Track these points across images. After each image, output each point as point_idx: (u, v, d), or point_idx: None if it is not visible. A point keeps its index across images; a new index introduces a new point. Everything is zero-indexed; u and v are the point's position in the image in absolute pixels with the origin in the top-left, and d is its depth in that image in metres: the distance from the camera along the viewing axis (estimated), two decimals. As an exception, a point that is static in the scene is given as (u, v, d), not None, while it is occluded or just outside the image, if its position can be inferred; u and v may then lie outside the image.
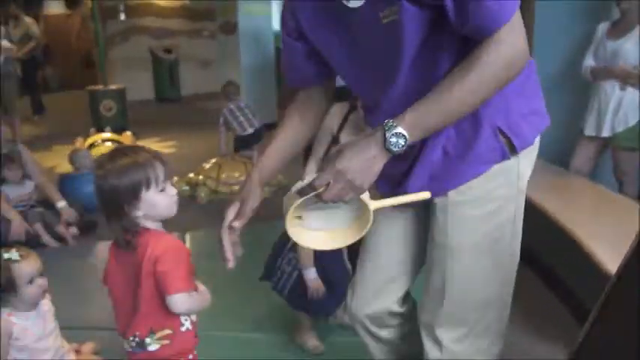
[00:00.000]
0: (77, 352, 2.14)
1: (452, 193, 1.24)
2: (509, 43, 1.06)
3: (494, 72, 1.07)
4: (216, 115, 7.54)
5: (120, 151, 1.48)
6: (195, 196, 4.43)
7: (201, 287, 1.56)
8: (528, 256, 2.99)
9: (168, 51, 10.12)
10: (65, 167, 4.86)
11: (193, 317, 1.55)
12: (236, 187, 4.43)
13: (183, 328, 1.51)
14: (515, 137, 1.20)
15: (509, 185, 1.24)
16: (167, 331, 1.48)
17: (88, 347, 2.21)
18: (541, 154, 3.87)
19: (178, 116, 8.64)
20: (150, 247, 1.43)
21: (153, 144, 6.42)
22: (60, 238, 3.56)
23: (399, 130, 1.06)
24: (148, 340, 1.48)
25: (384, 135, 1.07)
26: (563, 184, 3.21)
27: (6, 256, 1.89)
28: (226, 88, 5.11)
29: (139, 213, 1.44)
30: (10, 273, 1.85)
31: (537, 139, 1.28)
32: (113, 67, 9.42)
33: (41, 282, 1.91)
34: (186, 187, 4.52)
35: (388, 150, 1.07)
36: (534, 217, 2.85)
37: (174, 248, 1.46)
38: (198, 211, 4.25)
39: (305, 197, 1.11)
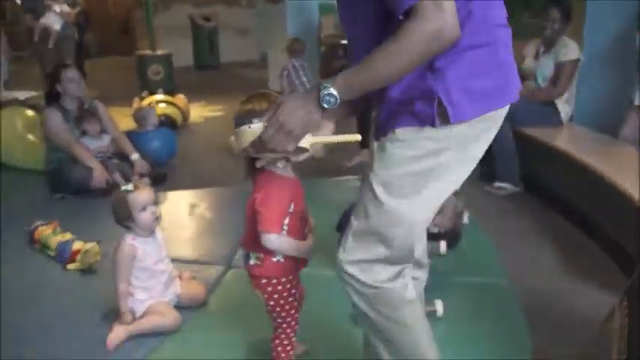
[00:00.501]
0: (179, 277, 2.43)
1: (389, 134, 1.36)
2: (429, 18, 1.14)
3: (412, 43, 1.17)
4: (255, 82, 7.81)
5: (249, 96, 1.68)
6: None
7: (308, 239, 1.74)
8: (576, 214, 3.23)
9: (208, 19, 10.34)
10: (122, 126, 5.14)
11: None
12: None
13: (274, 259, 1.69)
14: (451, 108, 1.27)
15: (438, 141, 1.32)
16: (260, 255, 1.70)
17: (187, 274, 2.49)
18: (590, 124, 4.05)
19: (218, 83, 8.88)
20: (259, 185, 1.66)
21: (199, 108, 6.69)
22: (135, 188, 3.84)
23: (331, 90, 1.23)
24: (250, 255, 1.73)
25: (319, 93, 1.24)
26: (612, 150, 3.40)
27: (123, 187, 2.19)
28: (292, 45, 5.23)
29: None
30: (127, 202, 2.14)
31: (497, 112, 1.35)
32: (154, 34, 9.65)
33: (154, 209, 2.19)
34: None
35: (322, 107, 1.26)
36: (579, 174, 3.09)
37: (272, 194, 1.63)
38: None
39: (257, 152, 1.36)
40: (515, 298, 2.40)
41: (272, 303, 1.75)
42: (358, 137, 1.40)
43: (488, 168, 3.77)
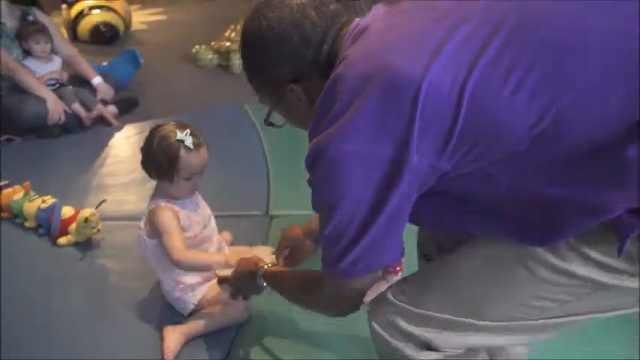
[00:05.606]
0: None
1: None
2: (328, 292, 1.08)
3: (312, 303, 1.21)
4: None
5: None
6: (229, 65, 3.95)
7: None
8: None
9: None
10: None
11: None
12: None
13: None
14: None
15: None
16: None
17: (226, 235, 1.93)
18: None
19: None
20: None
21: (135, 13, 5.69)
22: (100, 119, 3.11)
23: (261, 281, 1.36)
24: None
25: (257, 273, 1.38)
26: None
27: (179, 135, 1.52)
28: None
29: None
30: (177, 158, 1.52)
31: None
32: None
33: (199, 181, 1.62)
34: (214, 56, 4.02)
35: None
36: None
37: None
38: (233, 82, 3.83)
39: None
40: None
41: None
42: None
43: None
